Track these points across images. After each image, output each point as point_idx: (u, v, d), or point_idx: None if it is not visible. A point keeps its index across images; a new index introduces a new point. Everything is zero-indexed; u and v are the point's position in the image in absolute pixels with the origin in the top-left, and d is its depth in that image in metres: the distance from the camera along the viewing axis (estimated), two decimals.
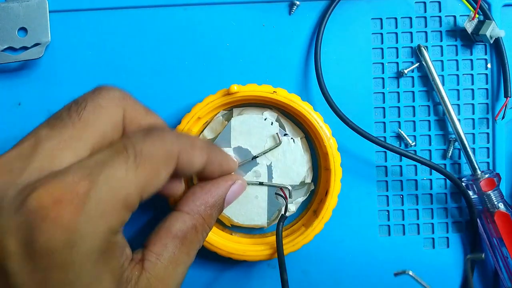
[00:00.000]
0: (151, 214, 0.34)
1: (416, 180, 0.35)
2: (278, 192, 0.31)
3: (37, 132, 0.21)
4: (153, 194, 0.22)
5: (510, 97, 0.33)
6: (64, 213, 0.18)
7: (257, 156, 0.31)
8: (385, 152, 0.34)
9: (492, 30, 0.32)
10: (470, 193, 0.33)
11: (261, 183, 0.31)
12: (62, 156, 0.20)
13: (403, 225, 0.35)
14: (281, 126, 0.32)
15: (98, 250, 0.20)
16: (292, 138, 0.31)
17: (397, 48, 0.34)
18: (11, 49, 0.33)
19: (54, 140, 0.21)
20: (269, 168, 0.31)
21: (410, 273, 0.27)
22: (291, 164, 0.31)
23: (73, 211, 0.19)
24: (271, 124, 0.31)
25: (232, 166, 0.29)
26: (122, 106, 0.23)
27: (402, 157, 0.34)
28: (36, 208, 0.18)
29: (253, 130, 0.31)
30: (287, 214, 0.31)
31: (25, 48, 0.33)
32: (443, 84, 0.34)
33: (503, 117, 0.34)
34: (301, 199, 0.32)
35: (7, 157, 0.20)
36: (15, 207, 0.19)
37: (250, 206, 0.31)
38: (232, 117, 0.31)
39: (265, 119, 0.31)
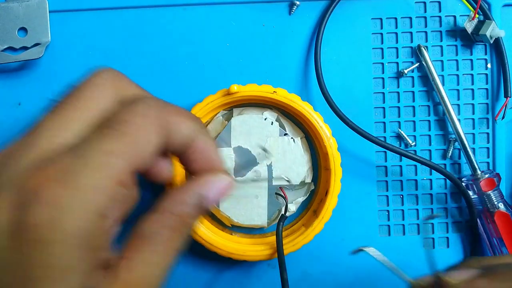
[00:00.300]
0: None
1: (416, 180, 0.35)
2: (278, 192, 0.31)
3: (39, 118, 0.22)
4: (147, 163, 0.21)
5: (510, 97, 0.33)
6: (52, 189, 0.19)
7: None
8: (385, 152, 0.34)
9: (492, 30, 0.32)
10: (470, 193, 0.33)
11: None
12: (62, 136, 0.21)
13: (403, 225, 0.35)
14: (281, 126, 0.32)
15: (83, 231, 0.19)
16: (292, 138, 0.31)
17: (397, 48, 0.34)
18: (11, 49, 0.33)
19: (54, 122, 0.21)
20: (269, 167, 0.31)
21: (365, 249, 0.27)
22: (291, 164, 0.31)
23: (60, 187, 0.19)
24: (271, 124, 0.31)
25: (216, 155, 0.26)
26: (115, 85, 0.23)
27: (402, 157, 0.34)
28: (29, 187, 0.19)
29: (253, 130, 0.31)
30: (287, 214, 0.31)
31: (25, 48, 0.33)
32: (443, 84, 0.34)
33: (503, 117, 0.34)
34: (301, 199, 0.32)
35: (13, 143, 0.21)
36: (11, 186, 0.19)
37: (250, 206, 0.31)
38: (232, 117, 0.31)
39: (265, 119, 0.31)
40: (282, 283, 0.29)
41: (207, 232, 0.31)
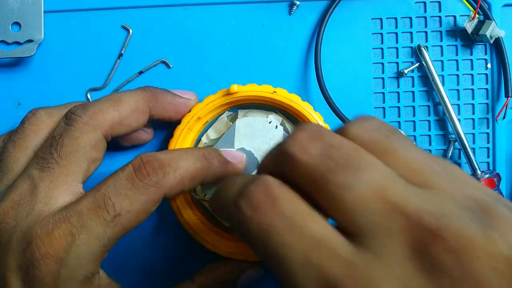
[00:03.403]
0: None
1: None
2: None
3: (30, 174, 0.25)
4: None
5: (510, 97, 0.33)
6: (55, 258, 0.23)
7: None
8: None
9: (492, 30, 0.32)
10: None
11: None
12: (56, 194, 0.25)
13: None
14: (286, 130, 0.32)
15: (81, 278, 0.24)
16: None
17: (397, 48, 0.34)
18: (3, 42, 0.33)
19: (46, 181, 0.25)
20: None
21: None
22: None
23: (58, 261, 0.23)
24: (276, 128, 0.31)
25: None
26: (98, 128, 0.26)
27: None
28: (37, 255, 0.23)
29: (257, 133, 0.31)
30: None
31: (18, 43, 0.33)
32: (443, 84, 0.34)
33: (504, 117, 0.34)
34: None
35: (10, 202, 0.24)
36: (20, 251, 0.23)
37: None
38: (237, 118, 0.31)
39: (269, 123, 0.31)
40: None
41: (207, 232, 0.31)
